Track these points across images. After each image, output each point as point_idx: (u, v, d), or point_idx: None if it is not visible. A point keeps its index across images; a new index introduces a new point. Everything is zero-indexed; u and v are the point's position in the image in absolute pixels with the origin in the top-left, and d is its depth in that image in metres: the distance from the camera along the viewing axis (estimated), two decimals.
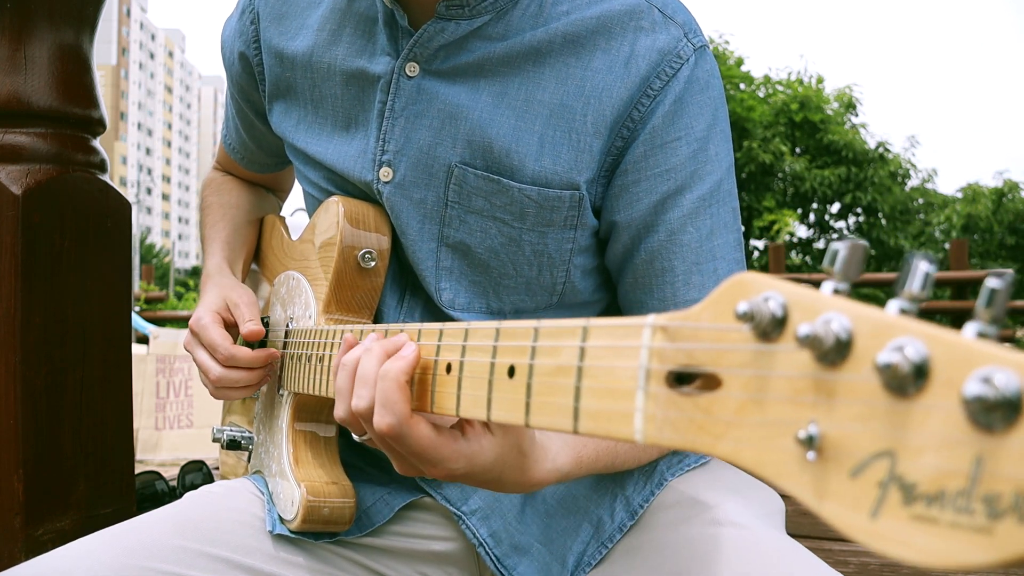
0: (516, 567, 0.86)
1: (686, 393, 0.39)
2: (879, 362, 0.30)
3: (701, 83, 0.86)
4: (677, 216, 0.85)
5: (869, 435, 0.31)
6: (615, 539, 0.87)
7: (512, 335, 0.52)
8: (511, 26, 0.86)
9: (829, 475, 0.32)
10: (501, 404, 0.52)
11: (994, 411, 0.27)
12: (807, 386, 0.34)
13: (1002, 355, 0.28)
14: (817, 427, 0.33)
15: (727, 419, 0.37)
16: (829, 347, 0.32)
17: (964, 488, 0.28)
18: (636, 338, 0.43)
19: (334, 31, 0.94)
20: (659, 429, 0.40)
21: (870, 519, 0.30)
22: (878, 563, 1.66)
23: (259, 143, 1.15)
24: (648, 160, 0.84)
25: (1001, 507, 0.27)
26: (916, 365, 0.29)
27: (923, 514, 0.29)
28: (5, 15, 1.24)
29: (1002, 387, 0.27)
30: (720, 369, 0.38)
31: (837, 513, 0.32)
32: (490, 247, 0.88)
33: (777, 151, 21.15)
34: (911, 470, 0.29)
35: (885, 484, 0.30)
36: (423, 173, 0.88)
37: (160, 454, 4.33)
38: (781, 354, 0.35)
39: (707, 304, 0.39)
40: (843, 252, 0.34)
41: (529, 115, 0.85)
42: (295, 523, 0.84)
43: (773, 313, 0.35)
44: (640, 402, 0.41)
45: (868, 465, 0.31)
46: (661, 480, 0.90)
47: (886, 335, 0.31)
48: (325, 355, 0.81)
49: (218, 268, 1.04)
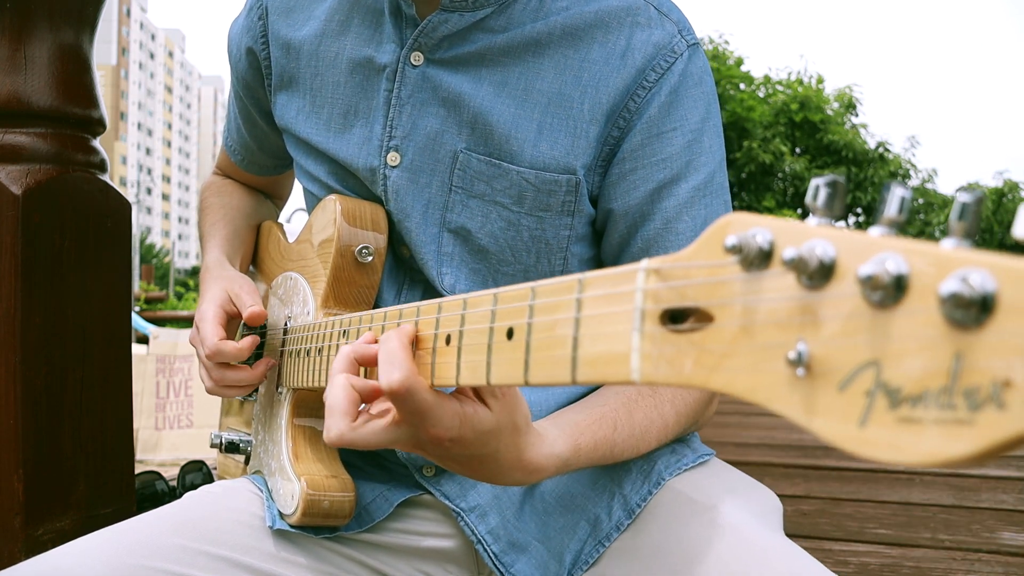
0: (514, 564, 0.86)
1: (680, 330, 0.41)
2: (860, 275, 0.31)
3: (695, 77, 0.89)
4: (673, 205, 0.87)
5: (854, 348, 0.32)
6: (612, 538, 0.87)
7: (510, 298, 0.53)
8: (512, 19, 0.89)
9: (818, 391, 0.33)
10: (500, 366, 0.53)
11: (969, 308, 0.28)
12: (794, 308, 0.35)
13: (975, 257, 0.29)
14: (805, 345, 0.34)
15: (720, 351, 0.38)
16: (813, 269, 0.33)
17: (946, 385, 0.29)
18: (631, 283, 0.44)
19: (343, 22, 0.97)
20: (655, 367, 0.41)
21: (859, 428, 0.31)
22: (878, 563, 1.66)
23: (260, 143, 1.16)
24: (644, 149, 0.87)
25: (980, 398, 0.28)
26: (895, 276, 0.30)
27: (908, 415, 0.30)
28: (5, 15, 1.24)
29: (977, 285, 0.28)
30: (712, 302, 0.39)
31: (827, 426, 0.33)
32: (490, 232, 0.90)
33: (777, 151, 21.16)
34: (895, 376, 0.30)
35: (872, 393, 0.31)
36: (430, 158, 0.91)
37: (160, 454, 4.33)
38: (768, 279, 0.36)
39: (697, 244, 0.41)
40: (824, 189, 0.36)
41: (528, 103, 0.88)
42: (295, 517, 0.84)
43: (760, 245, 0.36)
44: (636, 342, 0.42)
45: (855, 377, 0.32)
46: (659, 480, 0.90)
47: (868, 252, 0.32)
48: (324, 346, 0.81)
49: (218, 262, 1.05)
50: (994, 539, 1.80)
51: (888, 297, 0.31)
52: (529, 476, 0.67)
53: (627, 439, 0.79)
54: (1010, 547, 1.75)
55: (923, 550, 1.73)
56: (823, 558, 0.77)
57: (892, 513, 2.02)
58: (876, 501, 2.13)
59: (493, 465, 0.65)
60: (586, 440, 0.73)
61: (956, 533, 1.84)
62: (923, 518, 1.97)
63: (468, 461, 0.64)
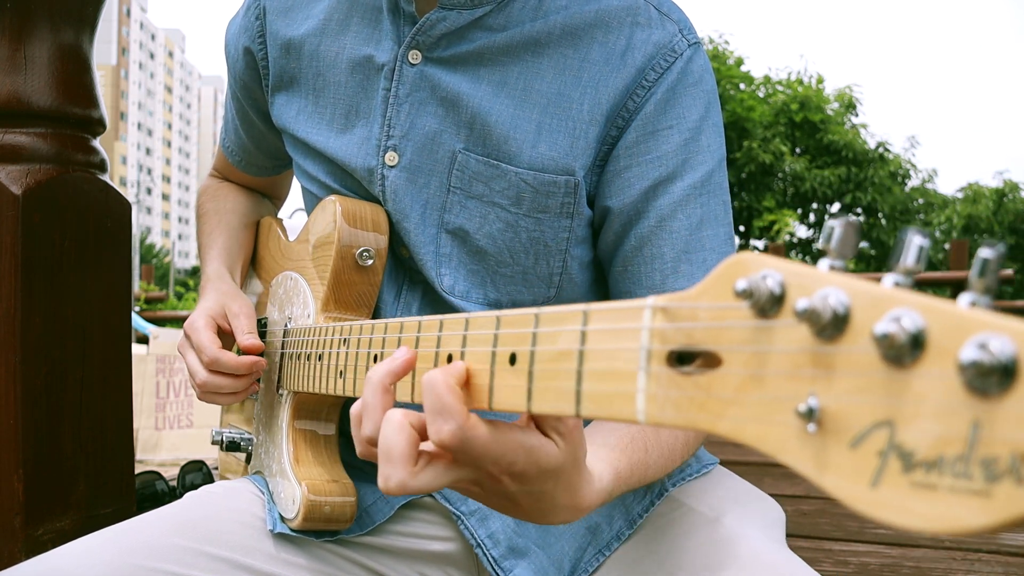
0: (513, 569, 0.86)
1: (687, 373, 0.40)
2: (876, 333, 0.31)
3: (695, 76, 0.88)
4: (667, 203, 0.86)
5: (868, 406, 0.31)
6: (612, 547, 0.87)
7: (513, 323, 0.52)
8: (511, 18, 0.88)
9: (829, 447, 0.33)
10: (502, 391, 0.52)
11: (990, 376, 0.27)
12: (806, 360, 0.34)
13: (997, 322, 0.28)
14: (817, 400, 0.33)
15: (728, 397, 0.37)
16: (827, 321, 0.33)
17: (962, 453, 0.28)
18: (636, 320, 0.43)
19: (342, 21, 0.96)
20: (661, 409, 0.41)
21: (870, 489, 0.31)
22: (878, 563, 1.66)
23: (258, 144, 1.16)
24: (640, 146, 0.86)
25: (999, 470, 0.27)
26: (912, 334, 0.30)
27: (922, 481, 0.29)
28: (5, 15, 1.24)
29: (997, 352, 0.27)
30: (720, 347, 0.38)
31: (838, 484, 0.32)
32: (488, 233, 0.89)
33: (777, 151, 21.15)
34: (910, 438, 0.30)
35: (885, 453, 0.30)
36: (428, 158, 0.90)
37: (160, 454, 4.33)
38: (780, 330, 0.35)
39: (706, 284, 0.40)
40: (838, 230, 0.35)
41: (527, 103, 0.87)
42: (296, 522, 0.84)
43: (771, 290, 0.35)
44: (642, 383, 0.42)
45: (867, 435, 0.31)
46: (661, 490, 0.89)
47: (883, 307, 0.31)
48: (324, 352, 0.81)
49: (217, 274, 1.04)
50: (994, 539, 1.80)
51: (905, 356, 0.30)
52: (578, 514, 0.62)
53: (657, 460, 0.75)
54: (1010, 547, 1.75)
55: (923, 550, 1.73)
56: (823, 558, 0.77)
57: None
58: None
59: (548, 504, 0.59)
60: (624, 467, 0.69)
61: None
62: None
63: (523, 498, 0.58)
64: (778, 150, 21.15)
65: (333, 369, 0.77)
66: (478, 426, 0.52)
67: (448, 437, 0.52)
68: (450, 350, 0.58)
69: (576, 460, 0.58)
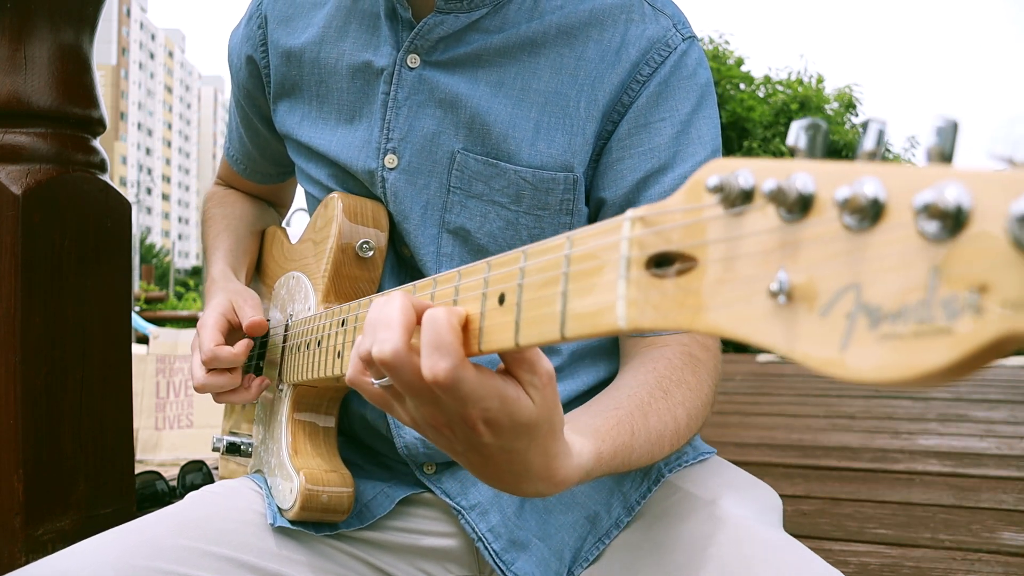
0: (515, 562, 0.87)
1: (665, 275, 0.41)
2: (837, 198, 0.31)
3: (688, 70, 0.89)
4: (658, 193, 0.86)
5: (834, 273, 0.32)
6: (612, 535, 0.87)
7: (501, 263, 0.53)
8: (507, 19, 0.89)
9: (799, 318, 0.33)
10: (490, 332, 0.52)
11: (944, 219, 0.28)
12: (775, 241, 0.35)
13: (950, 171, 0.29)
14: (786, 274, 0.34)
15: (704, 290, 0.38)
16: (793, 200, 0.33)
17: (924, 298, 0.29)
18: (616, 233, 0.44)
19: (340, 28, 0.97)
20: (641, 312, 0.41)
21: (841, 351, 0.31)
22: (878, 563, 1.66)
23: (262, 151, 1.17)
24: (632, 139, 0.87)
25: (958, 306, 0.28)
26: (872, 197, 0.31)
27: (889, 331, 0.30)
28: (5, 15, 1.24)
29: (951, 197, 0.28)
30: (695, 243, 0.39)
31: (809, 352, 0.33)
32: (489, 232, 0.90)
33: (777, 151, 21.16)
34: (875, 295, 0.30)
35: (852, 314, 0.31)
36: (427, 160, 0.90)
37: (160, 454, 4.33)
38: (748, 216, 0.36)
39: (682, 190, 0.41)
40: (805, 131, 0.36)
41: (525, 103, 0.88)
42: (294, 511, 0.84)
43: (742, 186, 0.36)
44: (621, 290, 0.42)
45: (836, 301, 0.32)
46: (658, 477, 0.90)
47: (845, 178, 0.32)
48: (324, 336, 0.81)
49: (223, 274, 1.05)
50: (994, 539, 1.80)
51: (866, 219, 0.31)
52: (554, 488, 0.61)
53: (643, 445, 0.75)
54: (1010, 547, 1.75)
55: (923, 550, 1.73)
56: (823, 558, 0.77)
57: (892, 513, 2.02)
58: (876, 501, 2.13)
59: (520, 467, 0.58)
60: (607, 448, 0.69)
61: (956, 533, 1.84)
62: (923, 518, 1.97)
63: (495, 455, 0.57)
64: (778, 150, 21.16)
65: (331, 351, 0.78)
66: (469, 367, 0.52)
67: (443, 374, 0.51)
68: (442, 303, 0.58)
69: (551, 422, 0.58)
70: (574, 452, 0.63)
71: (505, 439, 0.55)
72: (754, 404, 4.13)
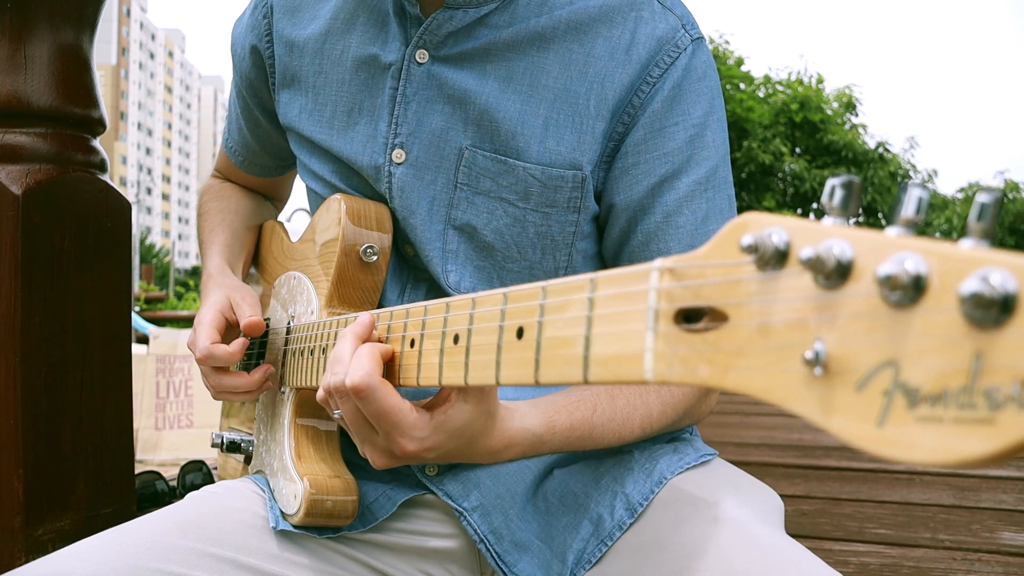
0: (516, 563, 0.86)
1: (694, 330, 0.40)
2: (879, 275, 0.31)
3: (699, 72, 0.89)
4: (673, 198, 0.87)
5: (872, 347, 0.32)
6: (615, 537, 0.87)
7: (520, 297, 0.53)
8: (516, 14, 0.89)
9: (835, 390, 0.33)
10: (509, 366, 0.52)
11: (990, 307, 0.28)
12: (811, 308, 0.34)
13: (996, 257, 0.29)
14: (823, 344, 0.33)
15: (735, 350, 0.38)
16: (831, 268, 0.33)
17: (965, 385, 0.29)
18: (644, 282, 0.43)
19: (347, 20, 0.97)
20: (669, 366, 0.41)
21: (877, 427, 0.31)
22: (878, 563, 1.66)
23: (262, 143, 1.16)
24: (647, 143, 0.88)
25: (1001, 397, 0.27)
26: (914, 275, 0.30)
27: (928, 415, 0.29)
28: (5, 15, 1.24)
29: (997, 284, 0.28)
30: (727, 302, 0.39)
31: (845, 426, 0.32)
32: (496, 228, 0.90)
33: (777, 151, 21.15)
34: (914, 375, 0.30)
35: (890, 392, 0.31)
36: (435, 155, 0.91)
37: (160, 454, 4.33)
38: (784, 280, 0.36)
39: (713, 243, 0.41)
40: (840, 188, 0.36)
41: (534, 99, 0.88)
42: (298, 517, 0.84)
43: (776, 245, 0.36)
44: (650, 342, 0.42)
45: (873, 376, 0.32)
46: (661, 478, 0.90)
47: (886, 251, 0.32)
48: (328, 345, 0.81)
49: (219, 269, 1.05)
50: (994, 539, 1.80)
51: (906, 297, 0.31)
52: (501, 452, 0.69)
53: (607, 423, 0.78)
54: (1010, 547, 1.75)
55: (923, 550, 1.73)
56: (823, 558, 0.77)
57: (892, 513, 2.02)
58: (876, 501, 2.13)
59: (467, 451, 0.67)
60: (562, 419, 0.73)
61: (956, 533, 1.84)
62: (923, 518, 1.97)
63: (445, 456, 0.68)
64: (778, 150, 21.15)
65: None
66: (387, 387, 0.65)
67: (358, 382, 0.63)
68: (456, 330, 0.58)
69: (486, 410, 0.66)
70: (518, 416, 0.69)
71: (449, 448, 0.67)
72: (754, 404, 4.12)
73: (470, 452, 0.68)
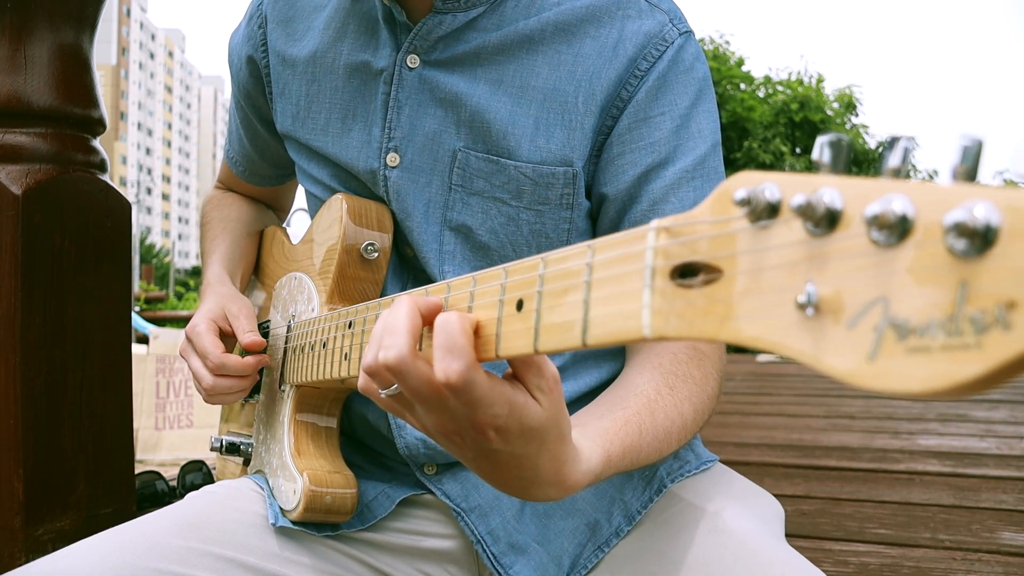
0: (513, 566, 0.86)
1: (691, 285, 0.41)
2: (867, 215, 0.32)
3: (686, 64, 0.89)
4: (660, 187, 0.87)
5: (862, 286, 0.33)
6: (612, 544, 0.87)
7: (520, 270, 0.53)
8: (504, 17, 0.90)
9: (827, 330, 0.34)
10: (509, 338, 0.52)
11: (973, 237, 0.29)
12: (802, 254, 0.35)
13: (978, 191, 0.29)
14: (814, 287, 0.34)
15: (729, 301, 0.39)
16: (820, 215, 0.34)
17: (952, 313, 0.29)
18: (641, 243, 0.44)
19: (339, 29, 0.97)
20: (666, 321, 0.42)
21: (868, 362, 0.32)
22: (878, 563, 1.66)
23: (262, 153, 1.17)
24: (632, 133, 0.88)
25: (986, 321, 0.28)
26: (901, 214, 0.31)
27: (917, 345, 0.30)
28: (5, 15, 1.24)
29: (980, 216, 0.29)
30: (721, 254, 0.40)
31: (837, 363, 0.33)
32: (490, 228, 0.90)
33: (777, 151, 21.16)
34: (902, 309, 0.31)
35: (880, 327, 0.32)
36: (429, 158, 0.91)
37: (160, 454, 4.33)
38: (776, 229, 0.37)
39: (708, 202, 0.42)
40: (828, 146, 0.37)
41: (524, 100, 0.89)
42: (297, 512, 0.84)
43: (769, 199, 0.37)
44: (647, 299, 0.43)
45: (864, 314, 0.32)
46: (660, 486, 0.90)
47: (873, 194, 0.33)
48: (329, 338, 0.81)
49: (218, 278, 1.05)
50: (994, 539, 1.80)
51: (893, 235, 0.31)
52: (563, 492, 0.61)
53: (651, 443, 0.74)
54: (1010, 547, 1.75)
55: (923, 550, 1.73)
56: (823, 558, 0.77)
57: (892, 513, 2.02)
58: (876, 501, 2.13)
59: (530, 473, 0.58)
60: (616, 449, 0.68)
61: (956, 533, 1.84)
62: (923, 518, 1.97)
63: (505, 461, 0.58)
64: (778, 150, 21.16)
65: (338, 353, 0.77)
66: (481, 371, 0.52)
67: (456, 376, 0.51)
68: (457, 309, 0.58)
69: (559, 427, 0.58)
70: (583, 457, 0.63)
71: (515, 445, 0.56)
72: (754, 404, 4.13)
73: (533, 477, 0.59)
